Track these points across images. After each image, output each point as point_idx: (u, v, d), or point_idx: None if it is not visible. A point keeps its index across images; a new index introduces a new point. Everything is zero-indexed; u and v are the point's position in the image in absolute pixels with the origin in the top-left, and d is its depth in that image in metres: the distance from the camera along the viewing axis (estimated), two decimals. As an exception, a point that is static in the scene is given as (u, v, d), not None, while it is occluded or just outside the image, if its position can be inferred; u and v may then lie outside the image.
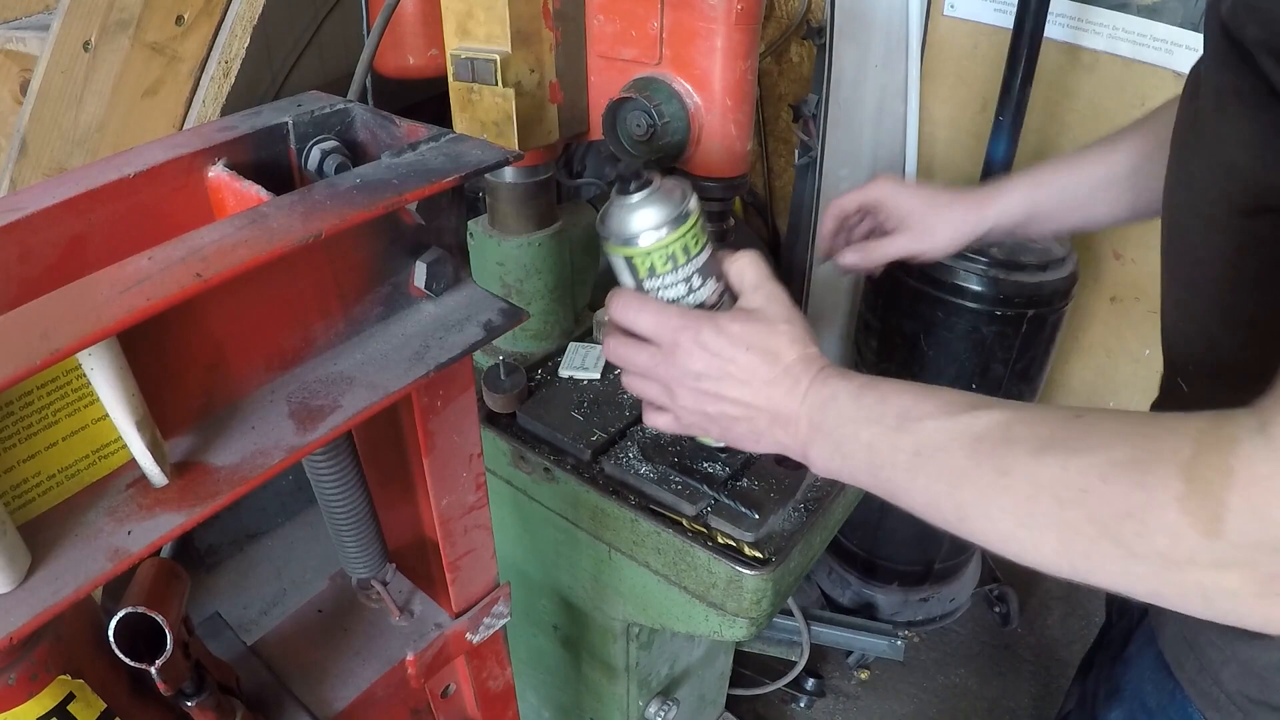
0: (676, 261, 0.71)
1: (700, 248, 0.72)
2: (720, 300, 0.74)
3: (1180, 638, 0.74)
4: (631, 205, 0.70)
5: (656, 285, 0.72)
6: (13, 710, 0.50)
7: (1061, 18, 1.82)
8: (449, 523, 0.74)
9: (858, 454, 0.62)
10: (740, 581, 0.93)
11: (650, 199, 0.69)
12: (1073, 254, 1.71)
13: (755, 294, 0.71)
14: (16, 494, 0.46)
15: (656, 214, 0.69)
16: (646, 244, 0.70)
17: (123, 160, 0.57)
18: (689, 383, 0.69)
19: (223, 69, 1.42)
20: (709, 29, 0.87)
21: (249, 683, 0.76)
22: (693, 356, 0.68)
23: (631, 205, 0.70)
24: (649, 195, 0.70)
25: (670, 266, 0.71)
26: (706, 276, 0.72)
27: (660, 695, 1.40)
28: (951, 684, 2.07)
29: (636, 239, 0.70)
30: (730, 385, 0.67)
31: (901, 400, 0.61)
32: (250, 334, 0.54)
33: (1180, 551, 0.49)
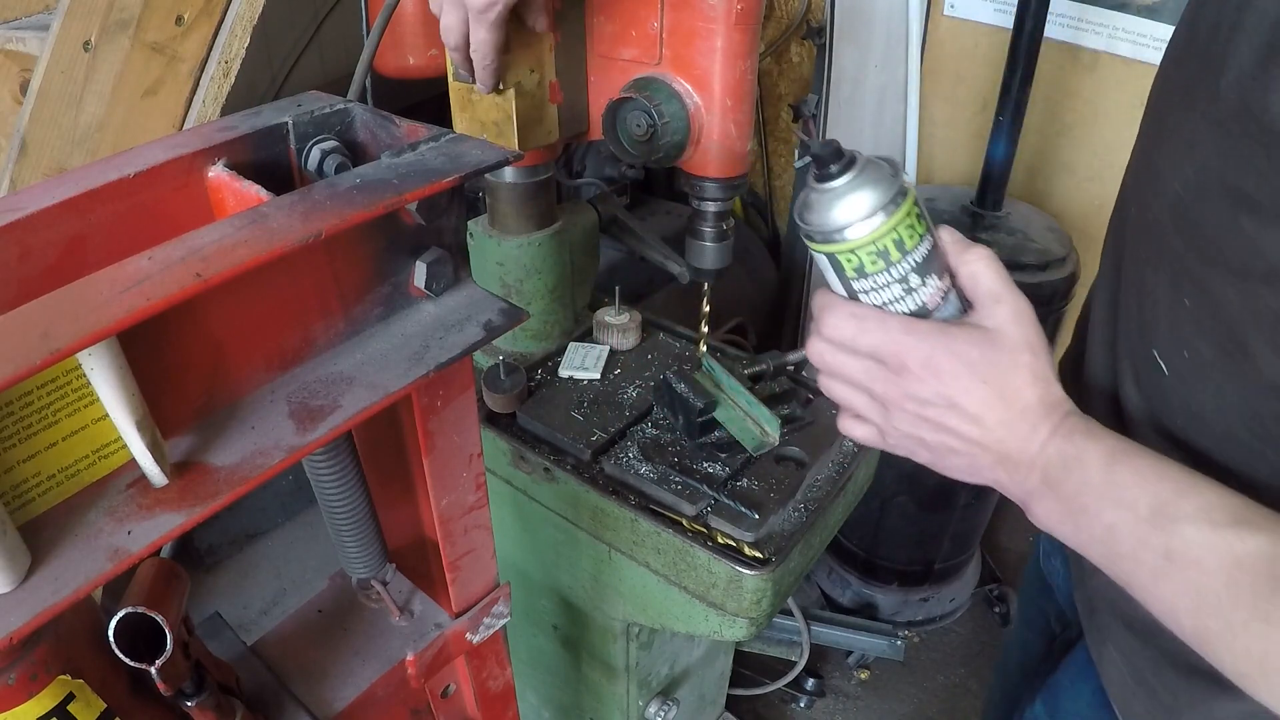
0: (889, 258, 0.60)
1: (918, 239, 0.60)
2: (944, 302, 0.62)
3: (1130, 679, 0.70)
4: (830, 192, 0.59)
5: (867, 286, 0.62)
6: (13, 710, 0.50)
7: (1061, 18, 1.82)
8: (449, 523, 0.74)
9: (1095, 531, 0.56)
10: (740, 581, 0.93)
11: (855, 183, 0.59)
12: (1073, 254, 1.71)
13: (996, 308, 0.60)
14: (16, 494, 0.46)
15: (860, 201, 0.58)
16: (853, 238, 0.59)
17: (123, 160, 0.57)
18: (911, 407, 0.61)
19: (223, 69, 1.42)
20: (709, 29, 0.87)
21: (249, 683, 0.76)
22: (922, 382, 0.60)
23: (830, 192, 0.59)
24: (854, 178, 0.59)
25: (881, 265, 0.60)
26: (928, 273, 0.61)
27: (660, 695, 1.40)
28: (951, 684, 2.07)
29: (840, 233, 0.59)
30: (958, 418, 0.60)
31: (1159, 488, 0.53)
32: (250, 334, 0.54)
33: None
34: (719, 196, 0.98)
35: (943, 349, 0.59)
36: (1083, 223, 2.01)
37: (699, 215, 1.01)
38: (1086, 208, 2.01)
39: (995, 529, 2.40)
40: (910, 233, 0.59)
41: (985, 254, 0.62)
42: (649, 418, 1.11)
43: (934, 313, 0.62)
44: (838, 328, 0.62)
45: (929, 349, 0.59)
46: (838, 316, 0.62)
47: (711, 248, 1.03)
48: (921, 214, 0.60)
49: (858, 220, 0.59)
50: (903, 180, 0.60)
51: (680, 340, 1.27)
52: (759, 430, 1.00)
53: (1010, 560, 2.37)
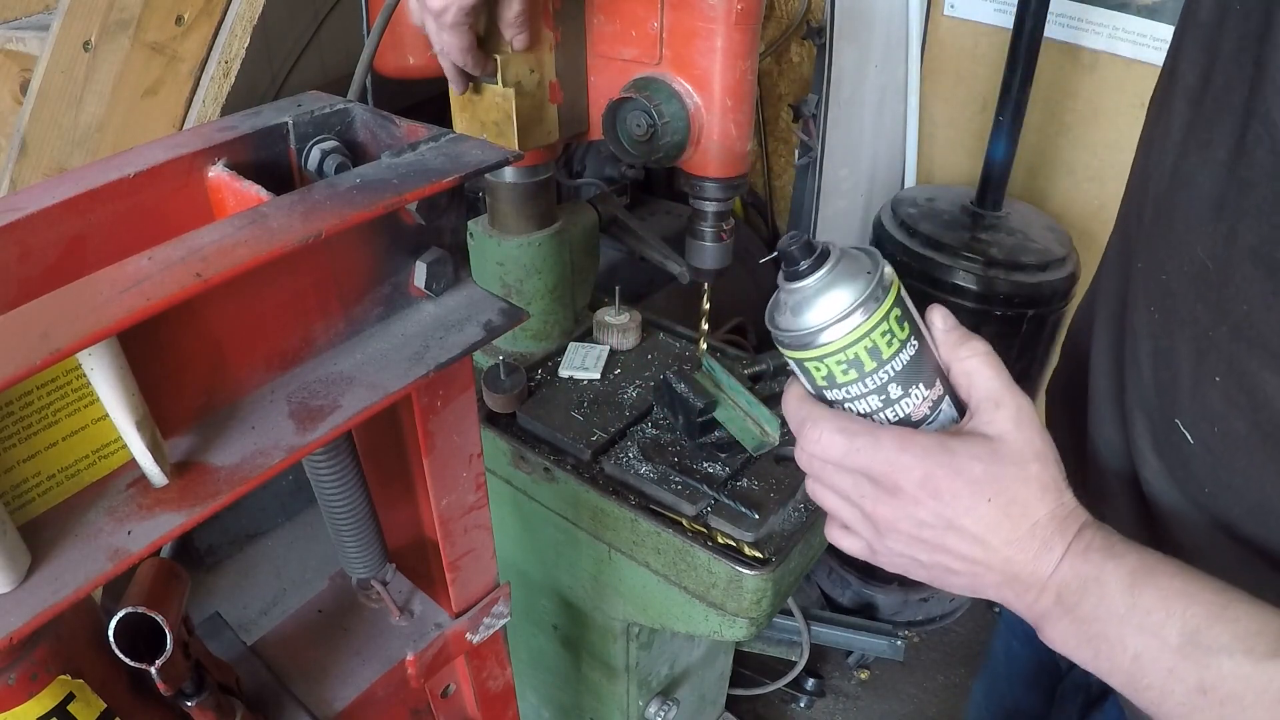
0: (862, 368, 0.54)
1: (899, 345, 0.54)
2: (933, 414, 0.57)
3: None
4: (794, 293, 0.54)
5: (840, 396, 0.56)
6: (13, 710, 0.50)
7: (1061, 18, 1.82)
8: (449, 523, 0.74)
9: (1118, 659, 0.51)
10: (740, 581, 0.93)
11: (821, 283, 0.53)
12: (1073, 254, 1.71)
13: (996, 414, 0.55)
14: (16, 494, 0.46)
15: (826, 305, 0.53)
16: (818, 345, 0.54)
17: (123, 160, 0.57)
18: (905, 528, 0.56)
19: (223, 69, 1.42)
20: (709, 29, 0.87)
21: (249, 683, 0.76)
22: (919, 503, 0.54)
23: (794, 293, 0.54)
24: (823, 277, 0.53)
25: (854, 375, 0.55)
26: (913, 382, 0.56)
27: (660, 695, 1.40)
28: (951, 684, 2.07)
29: (802, 339, 0.54)
30: (959, 540, 0.54)
31: (1190, 613, 0.49)
32: (250, 334, 0.54)
33: None
34: (719, 197, 0.98)
35: (942, 467, 0.53)
36: (1083, 223, 2.01)
37: (699, 215, 1.01)
38: (1086, 208, 2.01)
39: (995, 529, 2.40)
40: (888, 339, 0.54)
41: (982, 350, 0.57)
42: (649, 418, 1.11)
43: (921, 425, 0.57)
44: (823, 444, 0.56)
45: (927, 468, 0.53)
46: (822, 431, 0.56)
47: (711, 248, 1.03)
48: (906, 313, 0.55)
49: (823, 325, 0.53)
50: (881, 277, 0.53)
51: (680, 340, 1.27)
52: (759, 430, 1.00)
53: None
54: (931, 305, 0.59)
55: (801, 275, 0.54)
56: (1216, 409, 0.58)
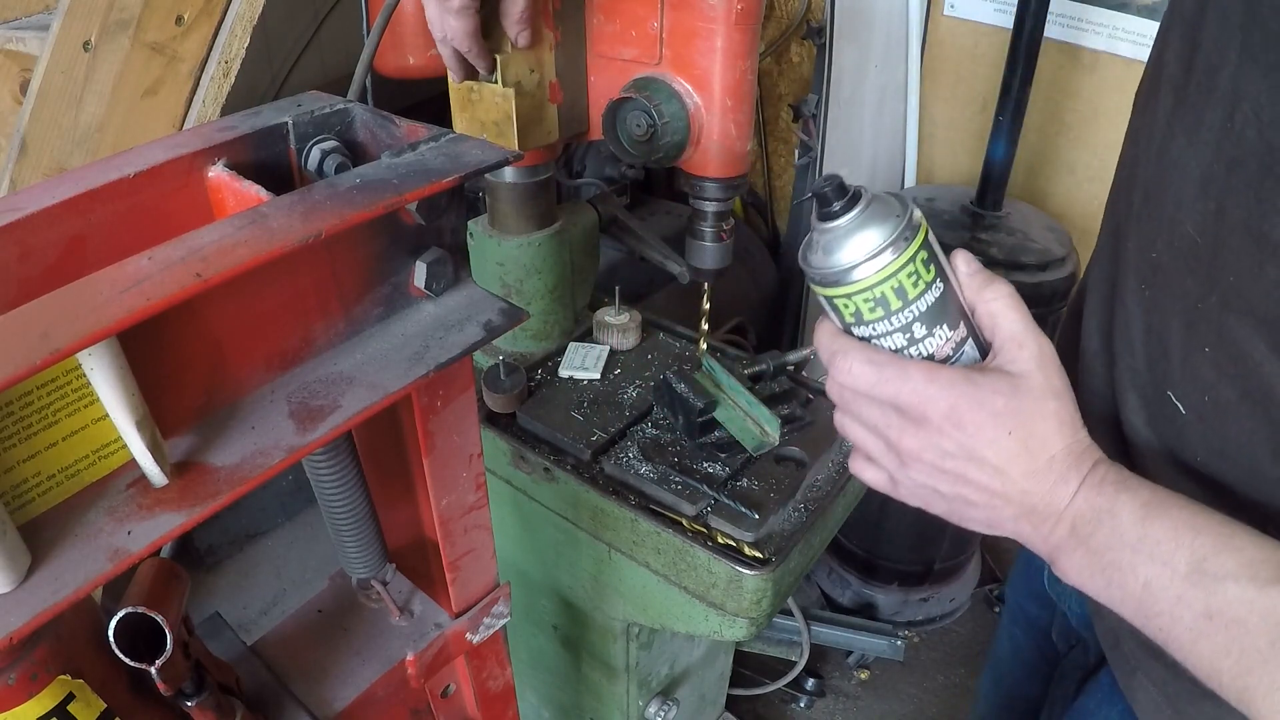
0: (888, 306, 0.56)
1: (924, 286, 0.56)
2: (956, 354, 0.59)
3: (1162, 706, 0.69)
4: (827, 232, 0.56)
5: (867, 333, 0.59)
6: (13, 710, 0.50)
7: (1061, 18, 1.82)
8: (449, 523, 0.74)
9: (1129, 587, 0.53)
10: (740, 581, 0.93)
11: (853, 224, 0.55)
12: (1073, 254, 1.71)
13: (1019, 353, 0.57)
14: (16, 494, 0.46)
15: (856, 245, 0.55)
16: (847, 284, 0.56)
17: (123, 160, 0.57)
18: (929, 457, 0.58)
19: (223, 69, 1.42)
20: (709, 29, 0.87)
21: (249, 683, 0.76)
22: (944, 434, 0.56)
23: (827, 232, 0.56)
24: (855, 218, 0.55)
25: (881, 313, 0.57)
26: (937, 322, 0.57)
27: (660, 695, 1.40)
28: (951, 684, 2.07)
29: (834, 277, 0.57)
30: (979, 470, 0.56)
31: (1198, 543, 0.51)
32: (250, 334, 0.54)
33: None
34: (719, 196, 0.98)
35: (966, 399, 0.55)
36: (1083, 223, 2.01)
37: (699, 215, 1.01)
38: (1086, 208, 2.01)
39: (995, 529, 2.40)
40: (914, 280, 0.56)
41: (1005, 292, 0.59)
42: (649, 418, 1.11)
43: (945, 364, 0.58)
44: (853, 374, 0.58)
45: (953, 399, 0.55)
46: (852, 362, 0.58)
47: (711, 247, 1.03)
48: (932, 256, 0.57)
49: (852, 265, 0.55)
50: (910, 220, 0.56)
51: (680, 340, 1.27)
52: (759, 430, 1.00)
53: (1010, 560, 2.37)
54: (956, 250, 0.60)
55: (835, 215, 0.56)
56: (1207, 378, 0.59)
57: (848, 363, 0.58)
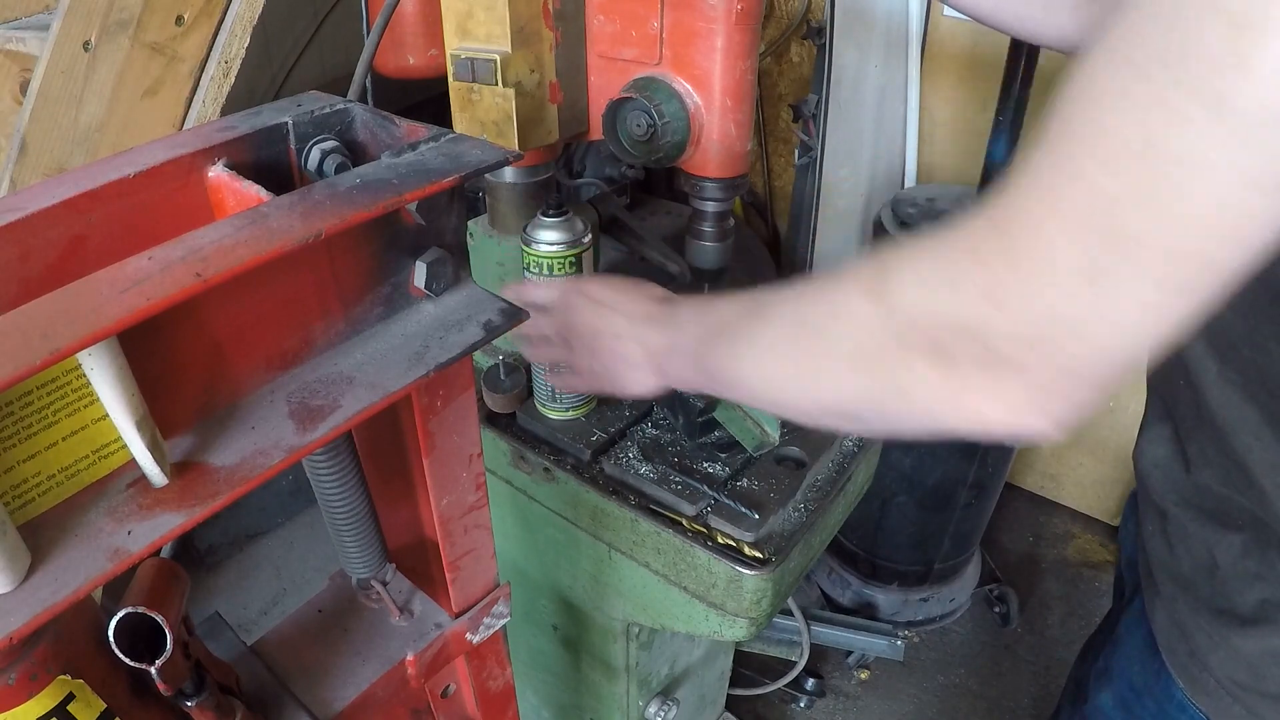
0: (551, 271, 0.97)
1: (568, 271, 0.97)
2: None
3: (1172, 624, 0.76)
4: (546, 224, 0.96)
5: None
6: (13, 710, 0.50)
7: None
8: (449, 523, 0.74)
9: (705, 366, 0.70)
10: (740, 581, 0.93)
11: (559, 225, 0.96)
12: (1073, 254, 1.71)
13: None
14: (16, 494, 0.46)
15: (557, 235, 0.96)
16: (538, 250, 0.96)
17: (123, 160, 0.57)
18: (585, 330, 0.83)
19: (223, 69, 1.42)
20: (709, 29, 0.87)
21: (249, 683, 0.76)
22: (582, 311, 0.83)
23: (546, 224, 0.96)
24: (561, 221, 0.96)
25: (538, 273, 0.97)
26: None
27: (660, 695, 1.40)
28: (951, 684, 2.07)
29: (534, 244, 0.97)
30: (611, 316, 0.80)
31: (715, 306, 0.70)
32: (250, 334, 0.54)
33: (861, 330, 0.53)
34: (719, 196, 0.98)
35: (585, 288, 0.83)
36: (1083, 223, 2.01)
37: (699, 215, 1.01)
38: (1086, 208, 2.00)
39: (995, 529, 2.40)
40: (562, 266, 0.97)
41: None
42: (649, 418, 1.11)
43: None
44: (517, 291, 0.91)
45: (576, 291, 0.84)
46: (515, 286, 0.93)
47: (711, 247, 1.03)
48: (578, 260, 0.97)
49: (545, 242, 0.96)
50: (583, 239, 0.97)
51: (680, 340, 1.27)
52: (759, 430, 1.00)
53: (1010, 560, 2.37)
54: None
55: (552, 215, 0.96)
56: None
57: (509, 291, 0.81)
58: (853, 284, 0.54)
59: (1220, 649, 0.71)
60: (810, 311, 0.58)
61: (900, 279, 0.51)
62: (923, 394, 0.50)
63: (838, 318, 0.55)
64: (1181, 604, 0.76)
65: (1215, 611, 0.72)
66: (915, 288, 0.50)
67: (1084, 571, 2.35)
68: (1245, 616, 0.69)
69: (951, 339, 0.48)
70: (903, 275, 0.51)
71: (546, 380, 1.03)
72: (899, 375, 0.51)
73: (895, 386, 0.52)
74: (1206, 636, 0.73)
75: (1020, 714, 2.01)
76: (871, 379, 0.53)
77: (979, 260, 0.47)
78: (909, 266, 0.51)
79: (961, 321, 0.47)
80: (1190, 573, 0.74)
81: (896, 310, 0.50)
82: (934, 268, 0.49)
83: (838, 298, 0.55)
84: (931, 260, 0.49)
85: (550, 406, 1.08)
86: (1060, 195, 0.43)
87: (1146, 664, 0.80)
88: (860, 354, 0.53)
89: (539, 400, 1.09)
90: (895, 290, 0.51)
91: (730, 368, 0.65)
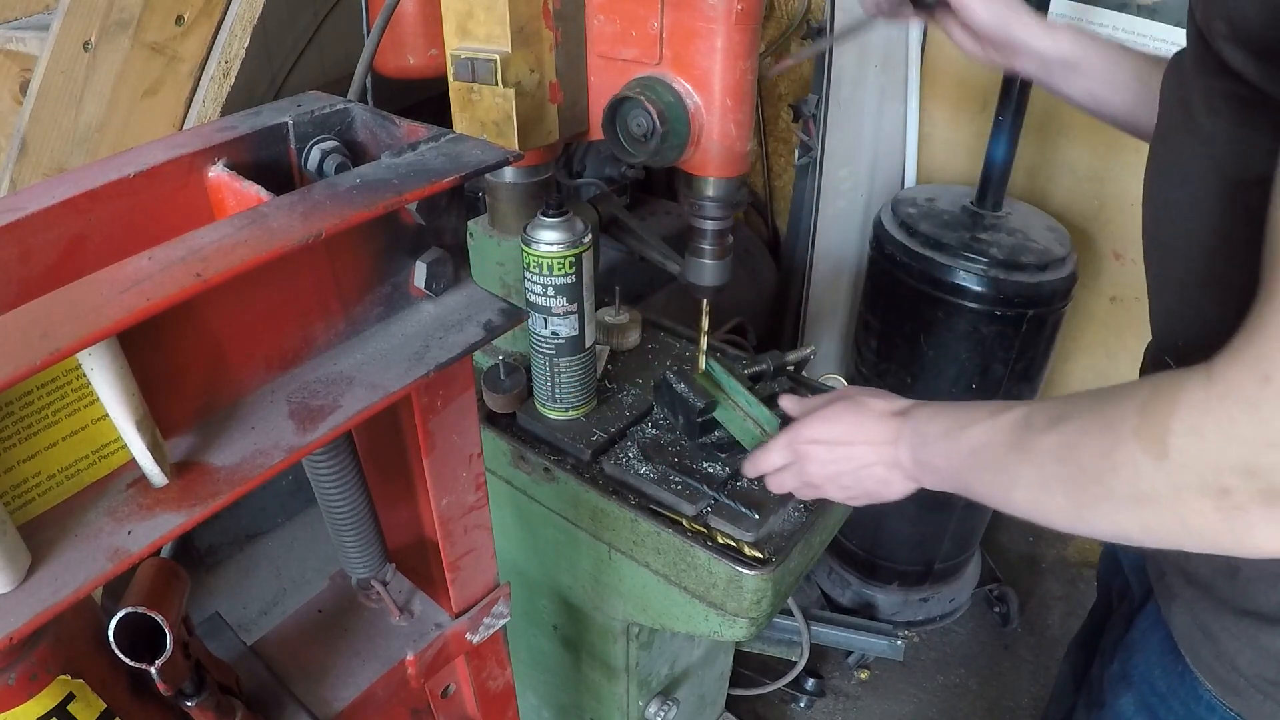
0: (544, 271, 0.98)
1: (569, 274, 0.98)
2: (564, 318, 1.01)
3: (1193, 628, 0.77)
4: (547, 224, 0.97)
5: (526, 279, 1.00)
6: (13, 710, 0.50)
7: (1061, 18, 1.82)
8: (449, 523, 0.74)
9: (953, 464, 0.74)
10: (740, 581, 0.93)
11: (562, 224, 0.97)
12: (1073, 254, 1.71)
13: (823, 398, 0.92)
14: (16, 494, 0.46)
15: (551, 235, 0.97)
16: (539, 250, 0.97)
17: (123, 160, 0.57)
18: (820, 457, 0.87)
19: (223, 69, 1.42)
20: (709, 29, 0.87)
21: (249, 683, 0.76)
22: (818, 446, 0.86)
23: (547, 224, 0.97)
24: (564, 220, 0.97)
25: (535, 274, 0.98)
26: (561, 295, 0.99)
27: (660, 695, 1.40)
28: (951, 684, 2.07)
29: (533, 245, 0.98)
30: (847, 449, 0.84)
31: (960, 417, 0.73)
32: (250, 334, 0.54)
33: (1143, 482, 0.57)
34: (718, 215, 0.98)
35: (817, 421, 0.86)
36: (1083, 223, 2.01)
37: (698, 233, 1.00)
38: (1086, 208, 2.01)
39: (995, 529, 2.40)
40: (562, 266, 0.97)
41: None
42: (649, 418, 1.11)
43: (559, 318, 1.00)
44: (751, 466, 0.94)
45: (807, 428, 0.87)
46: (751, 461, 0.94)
47: (711, 265, 1.02)
48: (578, 260, 0.98)
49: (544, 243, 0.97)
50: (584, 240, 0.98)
51: (680, 340, 1.27)
52: (759, 430, 1.00)
53: (1010, 560, 2.37)
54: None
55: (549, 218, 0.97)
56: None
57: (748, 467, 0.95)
58: (1122, 431, 0.58)
59: (1248, 649, 0.72)
60: (1082, 457, 0.60)
61: (1175, 430, 0.55)
62: (1206, 528, 0.55)
63: (1115, 469, 0.58)
64: (1203, 606, 0.76)
65: (1240, 612, 0.73)
66: (1192, 440, 0.54)
67: (1084, 571, 2.35)
68: (1272, 616, 0.70)
69: (1237, 482, 0.52)
70: (1176, 426, 0.55)
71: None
72: (1182, 514, 0.56)
73: (1178, 524, 0.56)
74: (1233, 637, 0.73)
75: (1020, 714, 2.01)
76: (1151, 518, 0.58)
77: (1251, 409, 0.51)
78: (1182, 419, 0.54)
79: (1246, 466, 0.52)
80: (1209, 576, 0.74)
81: (1175, 460, 0.55)
82: (1209, 421, 0.53)
83: (1108, 445, 0.58)
84: (1202, 413, 0.54)
85: (550, 406, 1.08)
86: None
87: (1169, 667, 0.80)
88: (1140, 499, 0.57)
89: (539, 400, 1.09)
90: (1174, 444, 0.55)
91: (998, 497, 0.69)
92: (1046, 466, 0.63)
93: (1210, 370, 0.54)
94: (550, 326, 1.01)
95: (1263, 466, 0.52)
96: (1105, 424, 0.59)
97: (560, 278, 0.98)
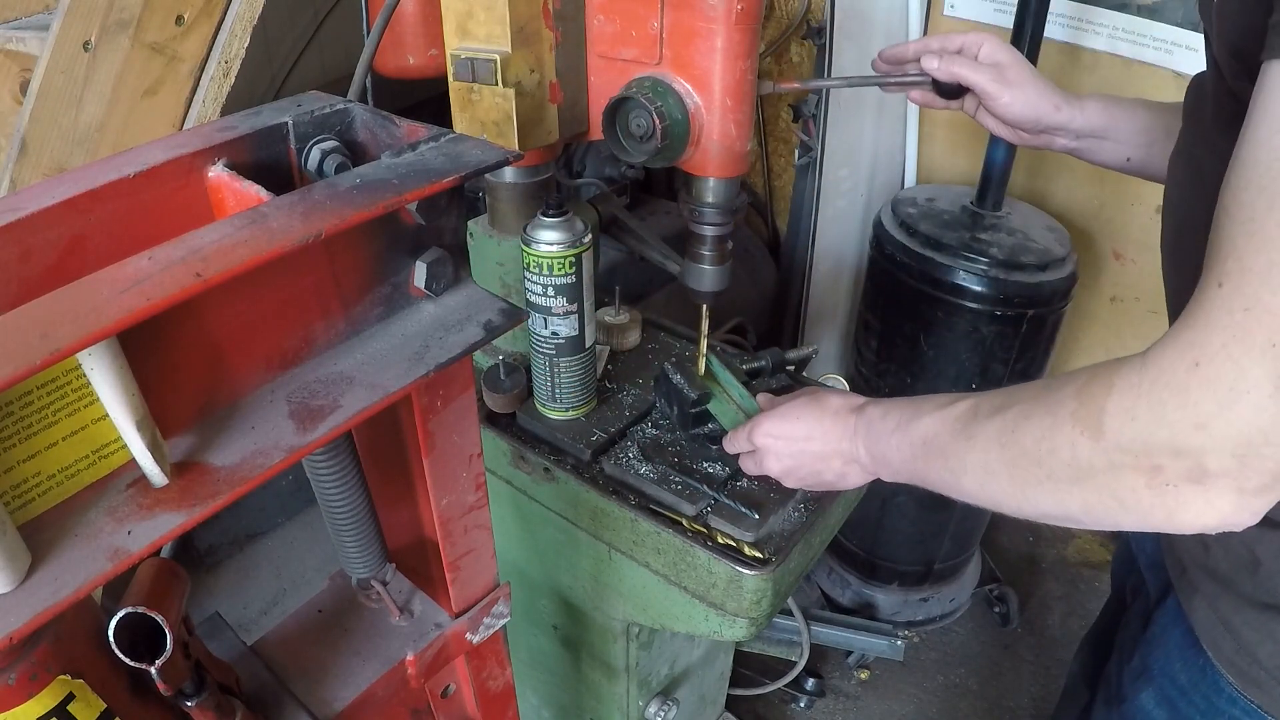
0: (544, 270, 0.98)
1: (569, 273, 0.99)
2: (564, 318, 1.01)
3: (1214, 622, 0.78)
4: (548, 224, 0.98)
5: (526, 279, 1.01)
6: (13, 710, 0.50)
7: (1061, 18, 1.82)
8: (449, 523, 0.74)
9: (903, 456, 0.78)
10: (740, 581, 0.93)
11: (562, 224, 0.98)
12: (1073, 254, 1.71)
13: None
14: (16, 494, 0.46)
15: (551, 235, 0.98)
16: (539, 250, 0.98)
17: (123, 160, 0.57)
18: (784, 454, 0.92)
19: (223, 69, 1.42)
20: (709, 29, 0.87)
21: (249, 683, 0.76)
22: (778, 440, 0.92)
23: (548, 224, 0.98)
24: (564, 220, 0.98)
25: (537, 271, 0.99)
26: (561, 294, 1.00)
27: (660, 695, 1.40)
28: (951, 684, 2.07)
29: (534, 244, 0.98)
30: (806, 444, 0.90)
31: (911, 411, 0.77)
32: (250, 334, 0.54)
33: (1080, 461, 0.60)
34: (718, 221, 0.98)
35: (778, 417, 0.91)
36: (1083, 223, 2.01)
37: (697, 239, 1.00)
38: (1086, 208, 2.01)
39: (995, 529, 2.40)
40: (562, 265, 0.98)
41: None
42: (649, 418, 1.11)
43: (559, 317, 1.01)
44: (729, 444, 0.99)
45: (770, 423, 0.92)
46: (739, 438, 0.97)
47: (710, 270, 1.02)
48: (578, 260, 0.99)
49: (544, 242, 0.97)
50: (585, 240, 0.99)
51: (680, 340, 1.27)
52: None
53: (1010, 560, 2.37)
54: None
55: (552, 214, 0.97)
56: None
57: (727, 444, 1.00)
58: (1060, 414, 0.61)
59: (1269, 641, 0.73)
60: (1024, 440, 0.64)
61: (1110, 412, 0.58)
62: (1139, 505, 0.59)
63: (1054, 450, 0.62)
64: (1224, 600, 0.77)
65: (1261, 606, 0.74)
66: (1126, 421, 0.57)
67: (1084, 571, 2.35)
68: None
69: (1167, 461, 0.56)
70: (1111, 408, 0.58)
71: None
72: (1117, 492, 0.59)
73: (1114, 501, 0.60)
74: (1254, 630, 0.74)
75: (1020, 714, 2.01)
76: (1089, 496, 0.61)
77: (1180, 393, 0.54)
78: (1116, 401, 0.58)
79: (1175, 447, 0.55)
80: (1230, 571, 0.76)
81: (1110, 441, 0.58)
82: (1141, 404, 0.56)
83: (1047, 428, 0.62)
84: (1135, 396, 0.57)
85: (550, 406, 1.08)
86: (1243, 326, 0.52)
87: (1190, 661, 0.81)
88: (1078, 477, 0.61)
89: (539, 400, 1.09)
90: (1108, 425, 0.58)
91: (949, 483, 0.73)
92: (990, 451, 0.67)
93: (1145, 356, 0.57)
94: (550, 326, 1.01)
95: (1191, 447, 0.54)
96: (1045, 408, 0.63)
97: (560, 278, 0.98)
